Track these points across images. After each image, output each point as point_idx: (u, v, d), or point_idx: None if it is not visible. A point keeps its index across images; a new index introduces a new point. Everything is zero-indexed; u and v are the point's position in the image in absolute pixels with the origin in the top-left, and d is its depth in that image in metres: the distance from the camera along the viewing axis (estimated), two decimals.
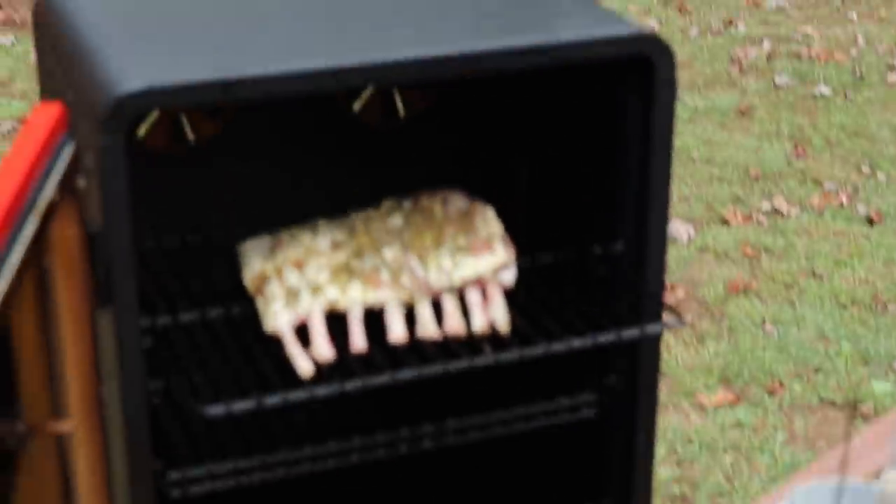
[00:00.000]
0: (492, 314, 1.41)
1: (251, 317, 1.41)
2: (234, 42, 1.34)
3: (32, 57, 1.69)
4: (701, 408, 2.94)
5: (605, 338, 1.39)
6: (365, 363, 1.35)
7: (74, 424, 1.29)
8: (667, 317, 1.44)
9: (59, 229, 1.23)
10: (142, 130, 1.56)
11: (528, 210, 1.65)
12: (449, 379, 1.37)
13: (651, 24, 5.44)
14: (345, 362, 1.35)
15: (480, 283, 1.42)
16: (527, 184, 1.70)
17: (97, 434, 1.33)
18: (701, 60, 5.08)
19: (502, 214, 1.51)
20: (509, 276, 1.43)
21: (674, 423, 2.88)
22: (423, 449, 1.53)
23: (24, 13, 5.29)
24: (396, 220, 1.47)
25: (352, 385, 1.30)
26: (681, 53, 5.07)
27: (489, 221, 1.47)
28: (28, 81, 4.73)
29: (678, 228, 3.68)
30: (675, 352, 3.14)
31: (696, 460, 2.78)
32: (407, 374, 1.32)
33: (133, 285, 1.23)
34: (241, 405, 1.28)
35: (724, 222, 3.77)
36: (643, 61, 1.35)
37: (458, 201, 1.51)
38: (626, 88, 1.40)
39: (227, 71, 1.23)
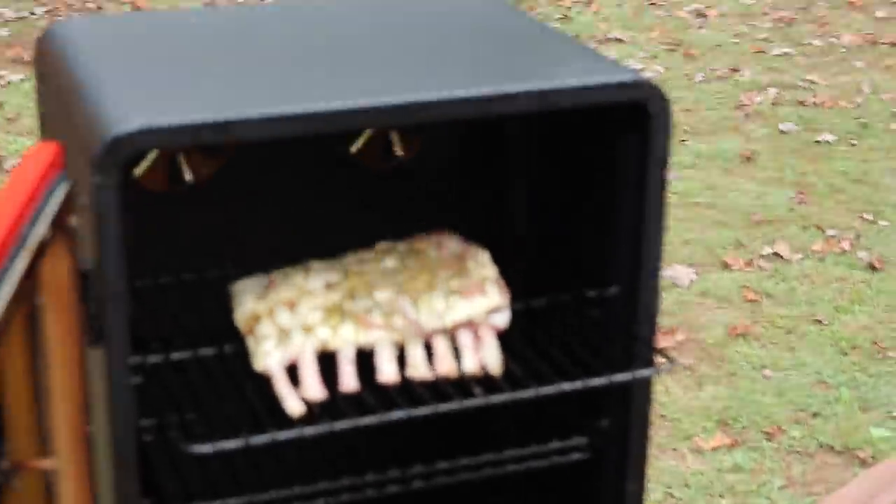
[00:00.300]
0: (483, 356, 1.40)
1: (243, 355, 1.40)
2: (233, 83, 1.35)
3: None
4: (698, 451, 2.93)
5: (597, 382, 1.39)
6: (355, 403, 1.35)
7: (61, 462, 1.29)
8: (659, 361, 1.43)
9: (50, 267, 1.23)
10: (139, 170, 1.56)
11: (524, 252, 1.65)
12: (440, 420, 1.37)
13: (657, 69, 5.46)
14: (335, 402, 1.34)
15: (472, 326, 1.42)
16: (524, 227, 1.70)
17: (84, 471, 1.32)
18: (706, 106, 5.09)
19: (498, 256, 1.51)
20: (502, 319, 1.43)
21: (671, 465, 2.86)
22: (413, 489, 1.52)
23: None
24: (390, 262, 1.47)
25: (341, 425, 1.29)
26: (686, 99, 5.08)
27: (483, 264, 1.47)
28: (35, 118, 4.74)
29: (679, 272, 3.67)
30: (674, 394, 3.12)
31: None
32: (397, 415, 1.32)
33: (125, 323, 1.23)
34: (229, 444, 1.27)
35: (726, 266, 3.77)
36: (639, 107, 1.35)
37: (452, 244, 1.51)
38: (623, 134, 1.41)
39: (224, 112, 1.23)
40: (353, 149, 1.67)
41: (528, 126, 1.65)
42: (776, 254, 3.85)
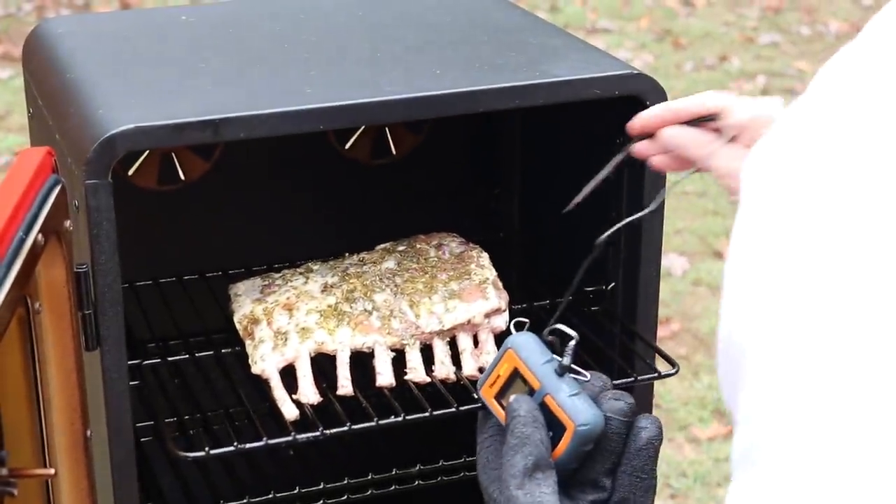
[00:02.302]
0: (483, 360, 1.39)
1: (241, 357, 1.39)
2: (224, 81, 1.33)
3: None
4: (695, 440, 2.92)
5: None
6: (352, 407, 1.33)
7: (60, 468, 1.27)
8: (660, 364, 1.42)
9: (46, 272, 1.21)
10: (131, 169, 1.55)
11: (518, 250, 1.63)
12: (440, 422, 1.35)
13: (646, 58, 5.45)
14: (331, 405, 1.33)
15: (472, 329, 1.40)
16: (518, 224, 1.69)
17: (83, 477, 1.30)
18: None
19: (492, 254, 1.49)
20: (501, 322, 1.41)
21: (668, 455, 2.85)
22: (413, 488, 1.52)
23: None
24: (389, 264, 1.46)
25: (334, 431, 1.28)
26: (675, 88, 5.07)
27: (483, 266, 1.45)
28: (25, 116, 4.72)
29: (672, 262, 3.66)
30: (669, 384, 3.11)
31: (690, 493, 2.74)
32: (393, 420, 1.30)
33: (121, 325, 1.22)
34: (220, 449, 1.26)
35: (719, 255, 3.76)
36: (635, 100, 1.34)
37: (451, 245, 1.50)
38: (619, 127, 1.38)
39: (217, 110, 1.22)
40: (347, 146, 1.65)
41: (522, 121, 1.63)
42: None
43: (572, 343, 0.99)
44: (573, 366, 0.97)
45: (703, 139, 1.19)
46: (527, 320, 1.06)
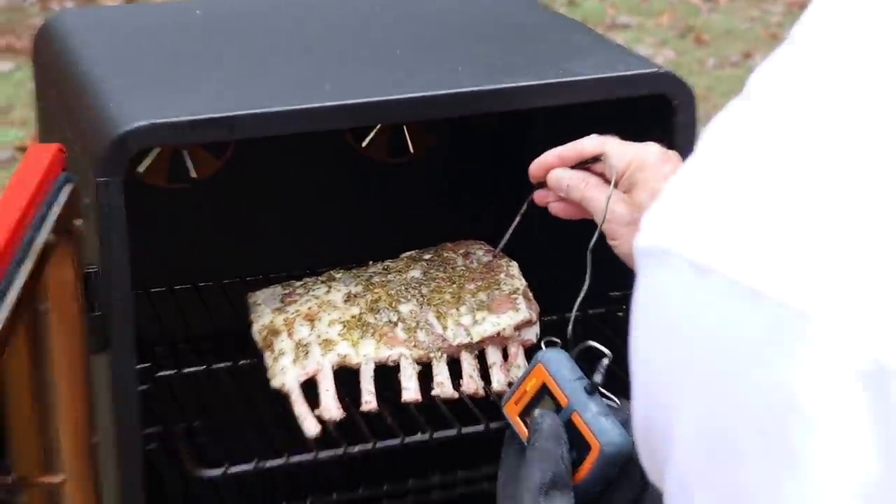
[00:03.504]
0: (513, 374, 1.37)
1: (259, 369, 1.38)
2: (238, 77, 1.33)
3: (32, 85, 1.67)
4: None
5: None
6: (375, 422, 1.33)
7: (67, 476, 1.26)
8: None
9: (55, 272, 1.19)
10: (142, 167, 1.54)
11: (542, 255, 1.61)
12: (466, 437, 1.35)
13: (667, 55, 5.42)
14: (354, 420, 1.32)
15: (501, 342, 1.39)
16: (538, 227, 1.67)
17: (90, 485, 1.29)
18: (718, 93, 5.05)
19: (516, 257, 1.48)
20: (532, 335, 1.40)
21: None
22: (431, 500, 1.52)
23: (26, 41, 5.28)
24: (415, 273, 1.44)
25: (358, 449, 1.28)
26: (698, 86, 5.04)
27: (512, 276, 1.44)
28: (27, 109, 4.70)
29: None
30: None
31: None
32: (419, 438, 1.29)
33: (131, 329, 1.21)
34: (240, 468, 1.25)
35: None
36: (662, 99, 1.33)
37: (480, 254, 1.48)
38: (645, 130, 1.36)
39: (232, 107, 1.22)
40: (364, 143, 1.65)
41: (545, 120, 1.62)
42: None
43: (605, 361, 0.98)
44: (603, 390, 0.97)
45: (582, 181, 1.23)
46: (558, 340, 1.05)
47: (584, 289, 1.15)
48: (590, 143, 1.24)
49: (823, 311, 0.53)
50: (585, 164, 1.24)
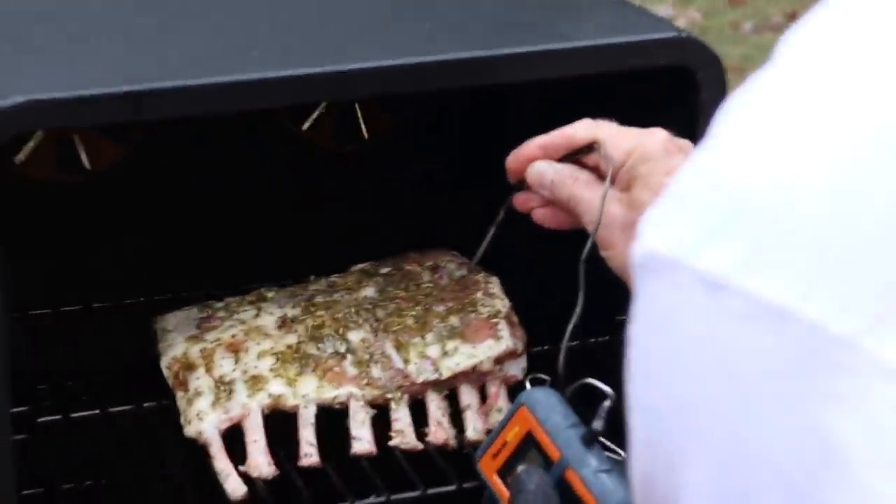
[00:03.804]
0: (493, 420, 1.37)
1: (169, 413, 1.38)
2: (148, 44, 1.33)
3: None
4: None
5: None
6: (317, 481, 1.33)
7: None
8: None
9: None
10: (21, 156, 1.53)
11: (528, 268, 1.62)
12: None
13: (693, 17, 5.45)
14: (290, 479, 1.32)
15: (478, 378, 1.39)
16: (524, 233, 1.67)
17: None
18: (756, 63, 5.07)
19: (497, 271, 1.48)
20: (517, 370, 1.40)
21: None
22: None
23: None
24: (368, 291, 1.45)
25: None
26: (731, 55, 5.07)
27: (492, 295, 1.44)
28: None
29: None
30: None
31: None
32: (372, 501, 1.30)
33: (4, 363, 1.20)
34: None
35: None
36: (682, 72, 1.34)
37: (451, 267, 1.48)
38: (664, 107, 1.39)
39: (136, 80, 1.21)
40: (305, 127, 1.64)
41: (535, 98, 1.62)
42: None
43: (606, 403, 0.99)
44: (604, 440, 0.97)
45: (570, 177, 1.24)
46: (547, 378, 1.05)
47: (578, 310, 1.16)
48: (581, 129, 1.24)
49: (869, 336, 0.52)
50: (575, 157, 1.25)
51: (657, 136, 1.21)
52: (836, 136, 0.55)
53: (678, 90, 1.32)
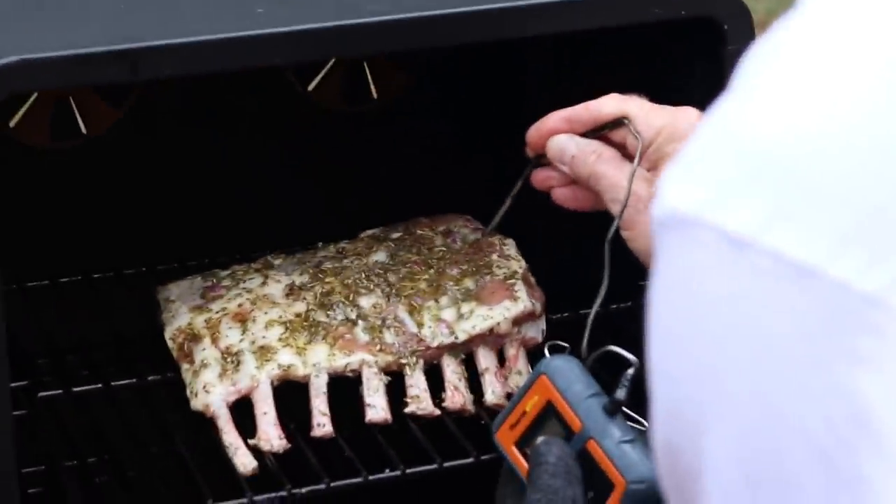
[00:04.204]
0: (512, 383, 1.37)
1: (174, 386, 1.38)
2: (147, 3, 1.32)
3: None
4: None
5: None
6: (330, 453, 1.33)
7: None
8: None
9: None
10: (14, 120, 1.52)
11: (545, 233, 1.61)
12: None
13: None
14: (301, 451, 1.32)
15: (495, 341, 1.39)
16: (541, 198, 1.67)
17: None
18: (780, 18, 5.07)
19: (513, 237, 1.48)
20: (535, 332, 1.40)
21: None
22: None
23: None
24: (379, 256, 1.45)
25: (307, 490, 1.27)
26: (754, 10, 5.05)
27: (508, 257, 1.44)
28: None
29: None
30: None
31: None
32: (387, 475, 1.30)
33: (2, 336, 1.19)
34: None
35: None
36: (709, 24, 1.32)
37: (465, 231, 1.48)
38: (687, 62, 1.38)
39: (134, 37, 1.20)
40: (311, 87, 1.63)
41: (552, 53, 1.61)
42: None
43: (629, 371, 0.99)
44: (627, 410, 0.97)
45: (593, 153, 1.24)
46: (566, 345, 1.04)
47: (603, 289, 1.16)
48: (609, 104, 1.25)
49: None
50: (600, 132, 1.24)
51: (689, 115, 1.21)
52: (862, 88, 0.56)
53: (704, 43, 1.31)
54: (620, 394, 0.99)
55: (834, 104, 0.56)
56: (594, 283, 1.38)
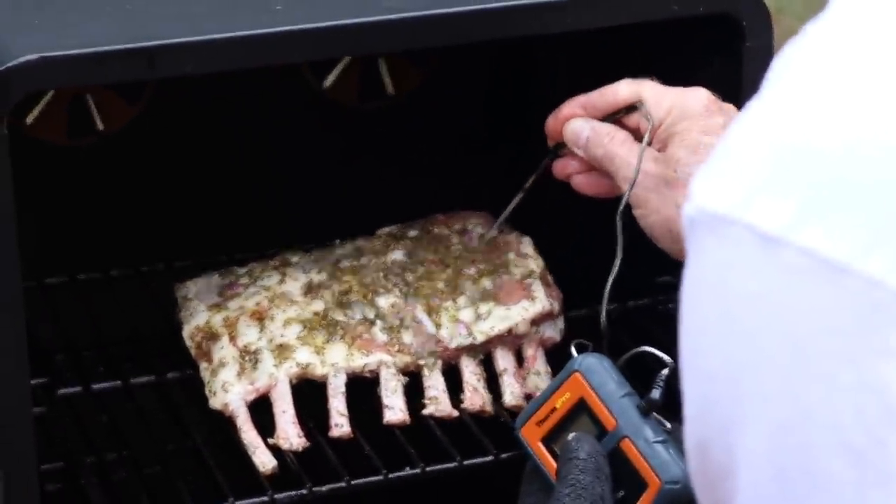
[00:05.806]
0: (531, 384, 1.38)
1: (192, 384, 1.39)
2: (164, 1, 1.32)
3: None
4: None
5: None
6: (348, 452, 1.33)
7: None
8: None
9: None
10: (31, 117, 1.53)
11: (563, 228, 1.62)
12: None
13: None
14: (321, 450, 1.32)
15: (513, 341, 1.39)
16: (556, 191, 1.68)
17: None
18: (791, 14, 5.06)
19: (529, 232, 1.49)
20: (554, 331, 1.41)
21: None
22: None
23: None
24: (397, 255, 1.45)
25: (327, 488, 1.29)
26: (785, 8, 5.04)
27: (525, 255, 1.44)
28: None
29: None
30: None
31: None
32: (407, 473, 1.30)
33: (21, 333, 1.20)
34: None
35: None
36: (727, 21, 1.33)
37: (481, 229, 1.48)
38: (705, 59, 1.39)
39: (151, 35, 1.21)
40: (327, 83, 1.64)
41: (567, 51, 1.61)
42: None
43: (664, 372, 1.00)
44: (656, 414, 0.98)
45: (607, 135, 1.27)
46: (589, 343, 1.06)
47: (616, 263, 1.17)
48: (624, 88, 1.27)
49: None
50: (617, 116, 1.27)
51: (699, 95, 1.23)
52: (893, 87, 0.56)
53: (722, 40, 1.32)
54: (655, 394, 1.00)
55: (865, 104, 0.56)
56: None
